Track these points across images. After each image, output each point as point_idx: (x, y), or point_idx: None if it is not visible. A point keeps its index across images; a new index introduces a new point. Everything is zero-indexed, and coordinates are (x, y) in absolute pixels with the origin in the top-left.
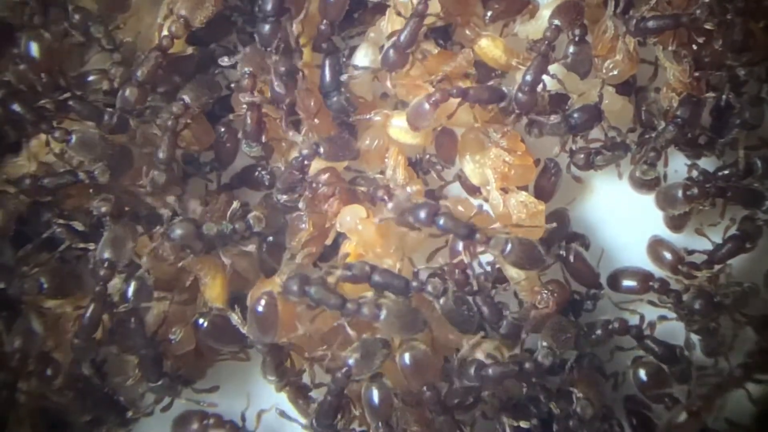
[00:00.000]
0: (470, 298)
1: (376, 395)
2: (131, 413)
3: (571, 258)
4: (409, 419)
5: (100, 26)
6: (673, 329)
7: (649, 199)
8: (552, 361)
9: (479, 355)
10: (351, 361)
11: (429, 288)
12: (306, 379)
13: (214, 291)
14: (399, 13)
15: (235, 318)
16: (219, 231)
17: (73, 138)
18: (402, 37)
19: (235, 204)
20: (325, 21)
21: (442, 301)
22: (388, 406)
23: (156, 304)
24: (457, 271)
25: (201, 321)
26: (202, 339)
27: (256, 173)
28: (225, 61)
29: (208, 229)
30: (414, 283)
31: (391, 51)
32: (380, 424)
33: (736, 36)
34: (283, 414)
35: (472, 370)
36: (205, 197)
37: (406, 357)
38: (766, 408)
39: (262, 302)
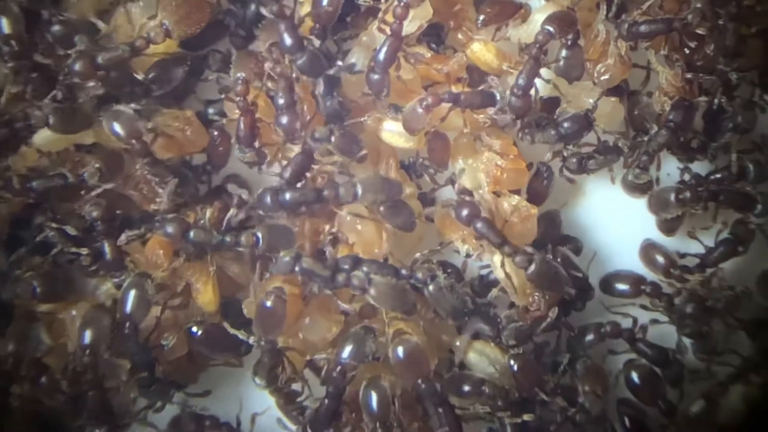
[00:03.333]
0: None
1: (374, 398)
2: (124, 418)
3: (560, 261)
4: (403, 421)
5: (84, 36)
6: (666, 332)
7: (641, 203)
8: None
9: (472, 356)
10: (344, 354)
11: (418, 275)
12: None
13: (206, 297)
14: (383, 31)
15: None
16: (206, 239)
17: (51, 118)
18: (379, 58)
19: (232, 211)
20: (317, 25)
21: (431, 287)
22: (386, 408)
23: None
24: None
25: (195, 330)
26: (196, 348)
27: None
28: None
29: (195, 236)
30: (403, 271)
31: (372, 75)
32: (378, 426)
33: (729, 41)
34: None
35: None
36: (198, 202)
37: (399, 351)
38: (757, 409)
39: (272, 297)
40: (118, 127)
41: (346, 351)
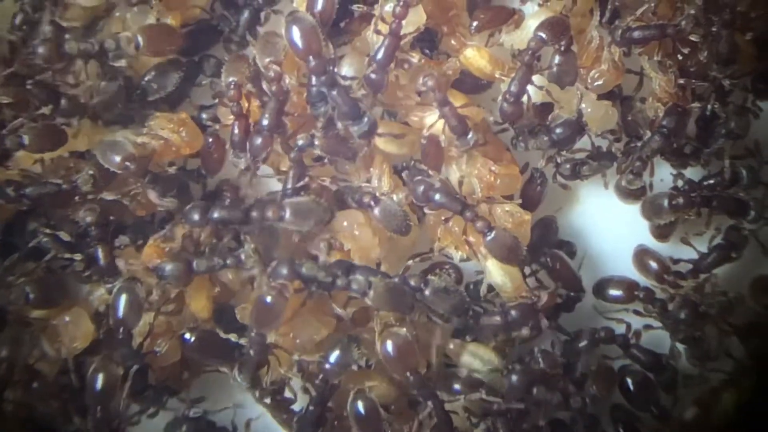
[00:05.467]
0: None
1: (362, 409)
2: (117, 423)
3: (558, 265)
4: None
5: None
6: (659, 338)
7: (635, 209)
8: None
9: (466, 358)
10: (330, 361)
11: (411, 283)
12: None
13: (199, 303)
14: (379, 32)
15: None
16: (209, 265)
17: (25, 138)
18: (378, 58)
19: (226, 240)
20: None
21: (427, 292)
22: (375, 420)
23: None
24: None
25: (188, 336)
26: (189, 354)
27: None
28: None
29: (199, 266)
30: (396, 280)
31: (371, 74)
32: None
33: (722, 48)
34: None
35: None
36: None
37: (388, 345)
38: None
39: (274, 293)
40: (115, 158)
41: (332, 357)
